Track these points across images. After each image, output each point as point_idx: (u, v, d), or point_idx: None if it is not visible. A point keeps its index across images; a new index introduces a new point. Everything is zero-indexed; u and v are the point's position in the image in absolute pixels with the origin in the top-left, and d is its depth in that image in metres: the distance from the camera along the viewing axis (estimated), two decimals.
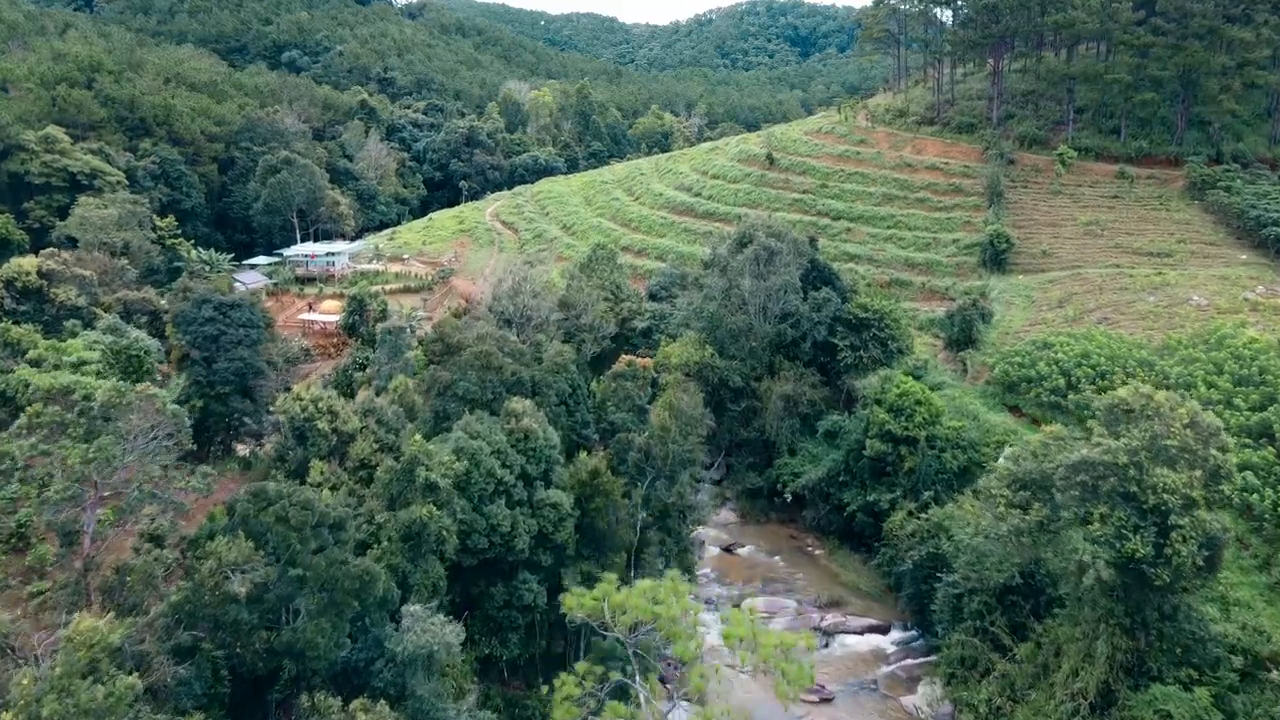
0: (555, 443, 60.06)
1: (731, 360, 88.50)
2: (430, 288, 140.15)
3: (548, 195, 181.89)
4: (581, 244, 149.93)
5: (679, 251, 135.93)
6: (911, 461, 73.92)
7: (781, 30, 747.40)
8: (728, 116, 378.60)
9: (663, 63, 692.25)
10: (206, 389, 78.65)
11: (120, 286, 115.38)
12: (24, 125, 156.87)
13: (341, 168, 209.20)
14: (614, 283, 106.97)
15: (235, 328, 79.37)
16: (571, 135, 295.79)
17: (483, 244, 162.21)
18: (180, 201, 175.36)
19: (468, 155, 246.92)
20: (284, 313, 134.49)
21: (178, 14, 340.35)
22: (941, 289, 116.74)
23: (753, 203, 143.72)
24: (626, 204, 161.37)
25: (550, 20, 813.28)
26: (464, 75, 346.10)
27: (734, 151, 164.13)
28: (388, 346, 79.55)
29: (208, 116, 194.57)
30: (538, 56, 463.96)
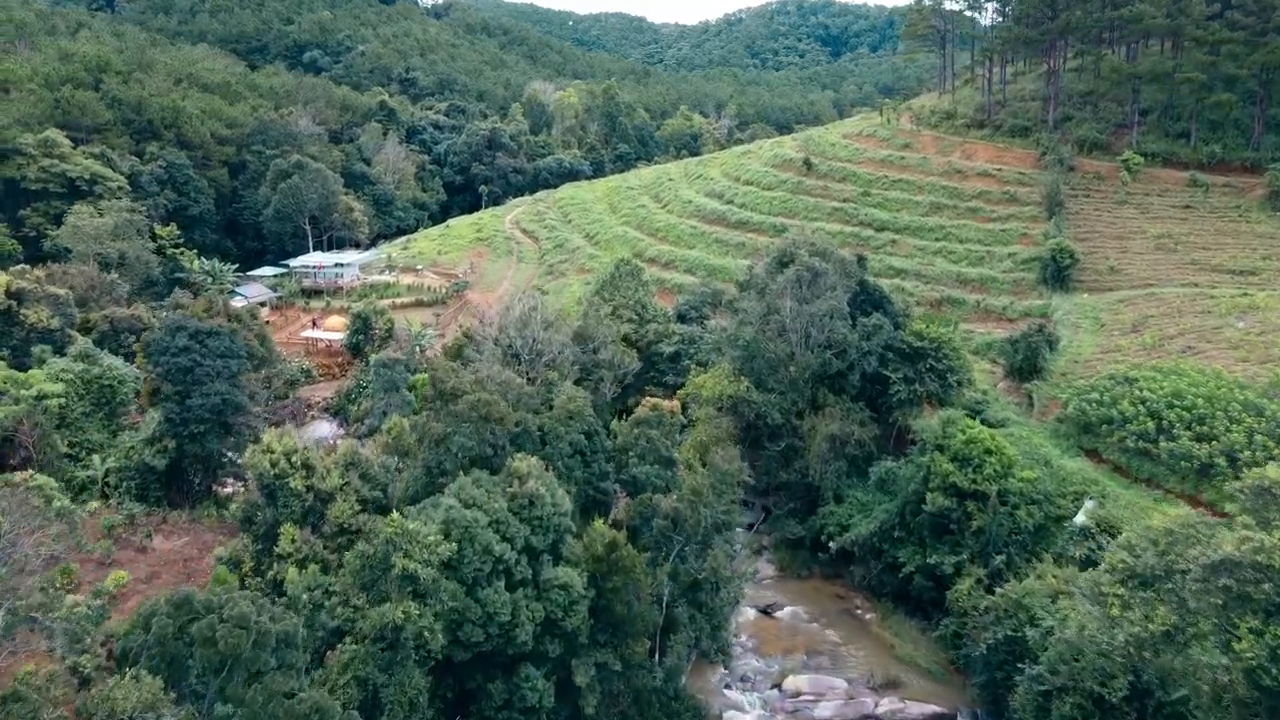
0: (566, 509, 50.71)
1: (769, 393, 78.79)
2: (444, 302, 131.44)
3: (570, 202, 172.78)
4: (605, 254, 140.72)
5: (709, 264, 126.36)
6: (980, 520, 63.93)
7: (812, 30, 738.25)
8: (758, 117, 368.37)
9: (691, 63, 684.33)
10: (179, 427, 69.99)
11: (109, 302, 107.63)
12: (23, 128, 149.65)
13: (358, 172, 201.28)
14: (638, 301, 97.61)
15: (212, 358, 70.70)
16: (598, 137, 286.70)
17: (501, 254, 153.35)
18: (187, 207, 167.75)
19: (490, 158, 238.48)
20: (288, 328, 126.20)
21: (199, 13, 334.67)
22: (998, 308, 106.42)
23: (789, 211, 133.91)
24: (653, 212, 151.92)
25: (578, 20, 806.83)
26: (488, 76, 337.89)
27: (768, 156, 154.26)
28: (382, 380, 70.57)
29: (219, 118, 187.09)
30: (564, 56, 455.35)
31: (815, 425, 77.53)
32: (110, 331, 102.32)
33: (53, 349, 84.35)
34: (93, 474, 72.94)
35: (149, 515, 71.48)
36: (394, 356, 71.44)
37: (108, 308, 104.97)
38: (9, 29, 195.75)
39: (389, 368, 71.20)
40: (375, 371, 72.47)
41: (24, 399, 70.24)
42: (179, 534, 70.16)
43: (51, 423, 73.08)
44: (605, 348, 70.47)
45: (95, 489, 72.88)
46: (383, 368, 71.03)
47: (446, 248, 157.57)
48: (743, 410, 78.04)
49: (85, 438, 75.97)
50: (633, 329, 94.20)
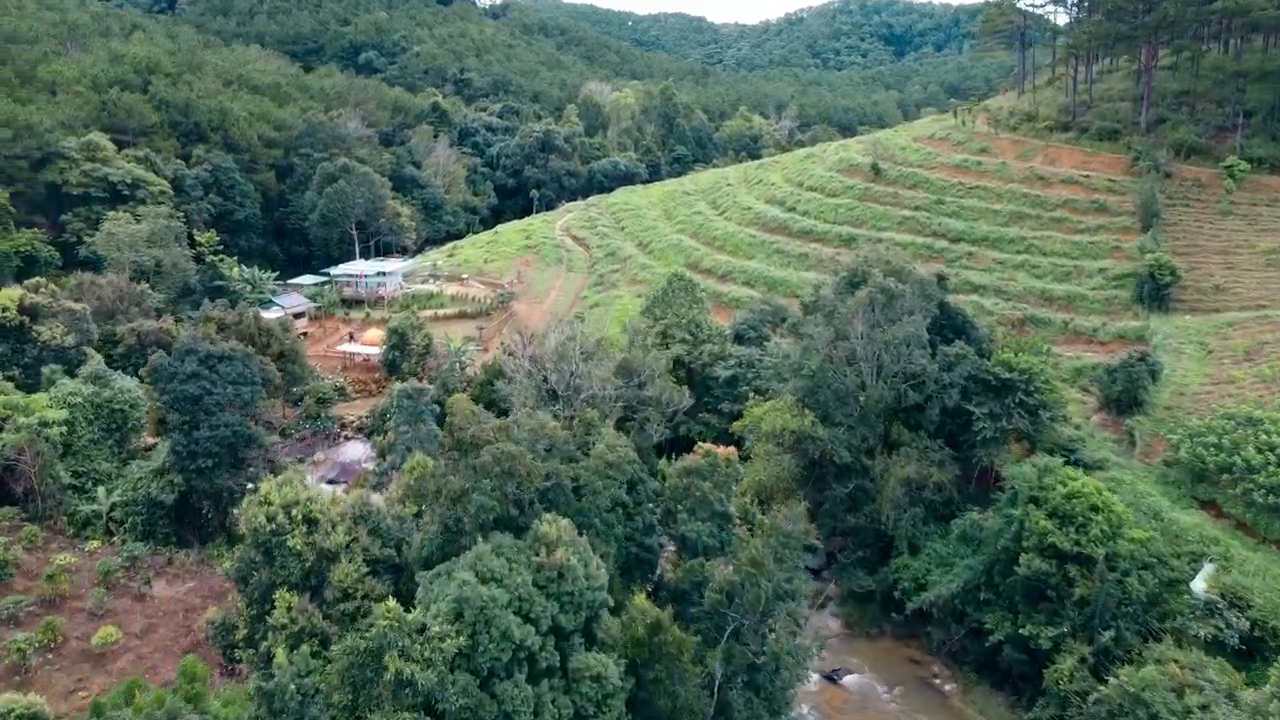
0: (602, 581, 43.29)
1: (836, 428, 70.54)
2: (488, 313, 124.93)
3: (624, 207, 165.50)
4: (659, 264, 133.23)
5: (769, 277, 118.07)
6: (1085, 588, 55.11)
7: (875, 29, 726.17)
8: (820, 118, 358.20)
9: (751, 63, 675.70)
10: (186, 460, 63.92)
11: (138, 314, 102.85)
12: (67, 131, 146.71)
13: (407, 175, 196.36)
14: (692, 320, 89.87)
15: (223, 386, 64.56)
16: (654, 139, 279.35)
17: (550, 262, 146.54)
18: (233, 212, 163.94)
19: (543, 161, 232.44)
20: (326, 340, 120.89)
21: (256, 15, 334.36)
22: (1088, 330, 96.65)
23: (855, 220, 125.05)
24: (710, 219, 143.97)
25: (637, 20, 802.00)
26: (544, 76, 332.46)
27: (833, 160, 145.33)
28: (406, 411, 63.77)
29: (267, 121, 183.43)
30: (622, 56, 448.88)
31: (888, 466, 69.19)
32: (137, 345, 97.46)
33: (66, 368, 79.30)
34: (97, 508, 67.34)
35: (155, 554, 65.72)
36: (419, 385, 64.58)
37: (136, 320, 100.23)
38: (62, 30, 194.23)
39: (413, 398, 64.42)
40: (398, 402, 65.73)
41: (24, 426, 64.80)
42: (185, 577, 64.15)
43: (54, 452, 67.71)
44: (652, 382, 62.80)
45: (99, 524, 67.31)
46: (406, 398, 64.25)
47: (494, 255, 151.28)
48: (807, 447, 69.99)
49: (92, 467, 70.48)
50: (685, 350, 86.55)
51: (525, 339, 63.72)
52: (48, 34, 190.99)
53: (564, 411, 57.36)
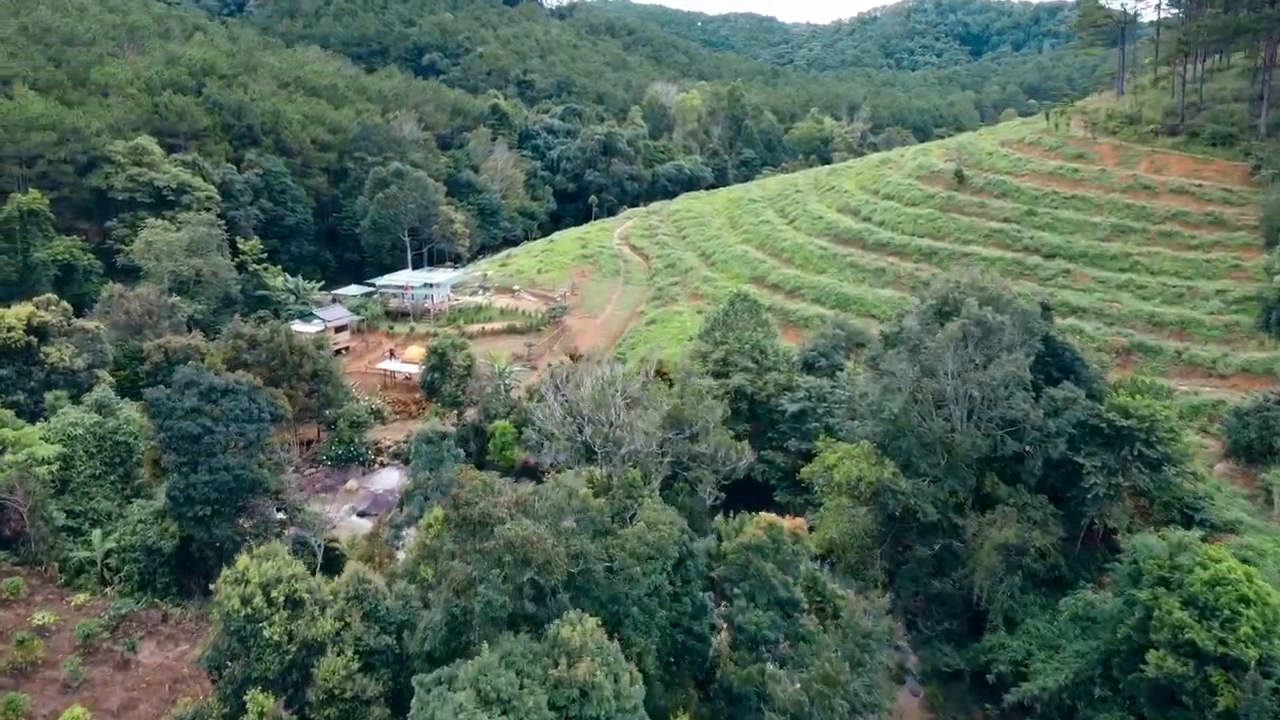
0: (635, 701, 34.84)
1: (921, 479, 61.12)
2: (539, 329, 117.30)
3: (686, 215, 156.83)
4: (721, 277, 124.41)
5: (842, 294, 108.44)
6: (1230, 699, 45.03)
7: (951, 28, 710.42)
8: (893, 120, 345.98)
9: (823, 63, 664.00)
10: (183, 507, 56.99)
11: (167, 329, 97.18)
12: (115, 134, 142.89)
13: (463, 179, 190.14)
14: (756, 345, 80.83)
15: (226, 424, 57.46)
16: (721, 141, 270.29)
17: (606, 273, 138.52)
18: (283, 217, 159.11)
19: (604, 164, 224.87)
20: (369, 356, 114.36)
21: (323, 16, 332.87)
22: (1206, 360, 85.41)
23: (937, 232, 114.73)
24: (778, 228, 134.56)
25: (707, 21, 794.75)
26: (608, 77, 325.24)
27: (911, 166, 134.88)
28: (425, 458, 55.94)
29: (322, 123, 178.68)
30: (690, 57, 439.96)
31: (982, 527, 59.49)
32: (164, 363, 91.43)
33: (75, 393, 73.48)
34: (92, 554, 60.86)
35: (150, 608, 58.88)
36: (440, 427, 56.72)
37: (166, 335, 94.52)
38: (120, 32, 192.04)
39: (433, 443, 56.55)
40: (415, 448, 57.91)
41: (13, 463, 58.58)
42: (179, 638, 57.15)
43: (47, 490, 61.45)
44: (706, 436, 54.05)
45: (93, 572, 60.84)
46: (425, 443, 56.41)
47: (548, 265, 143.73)
48: (886, 501, 60.58)
49: (91, 506, 64.09)
50: (748, 380, 77.62)
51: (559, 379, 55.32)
52: (106, 36, 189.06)
53: (602, 468, 49.03)
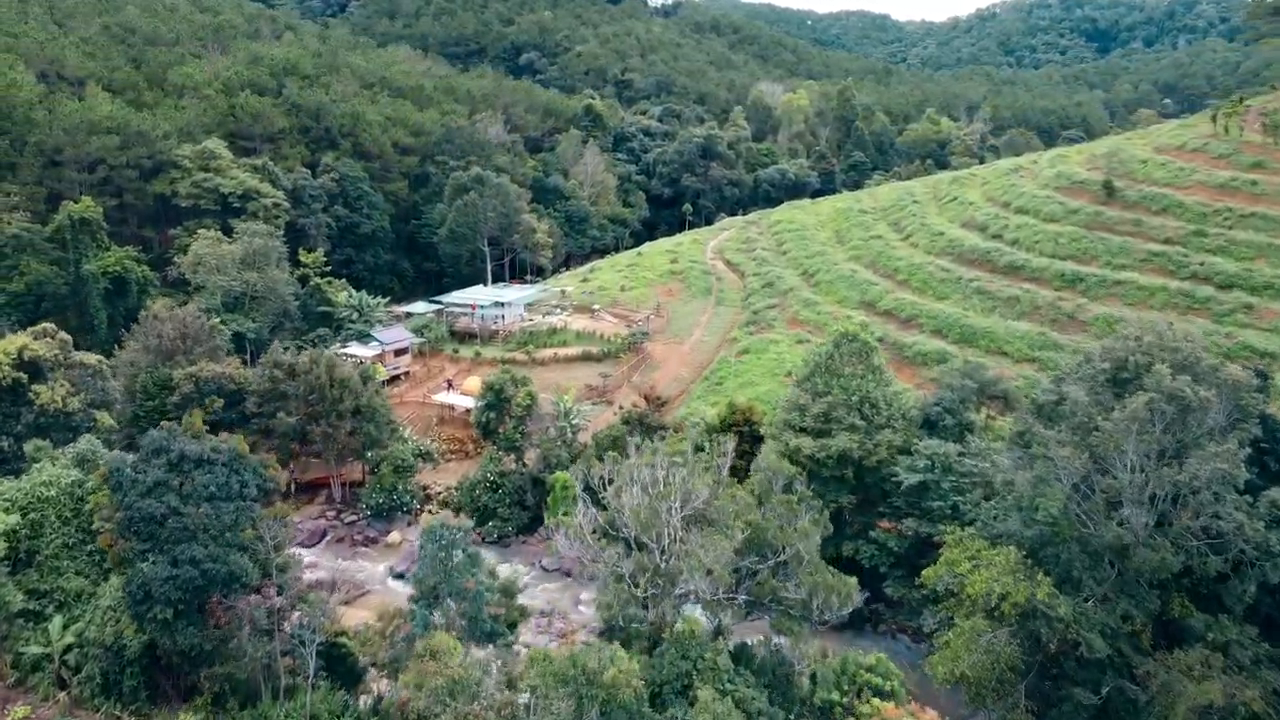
0: None
1: (1084, 600, 46.16)
2: (617, 355, 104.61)
3: (787, 227, 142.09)
4: (825, 300, 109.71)
5: (968, 326, 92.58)
6: None
7: (1076, 23, 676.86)
8: (1016, 121, 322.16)
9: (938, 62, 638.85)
10: (141, 607, 45.89)
11: (203, 355, 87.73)
12: (185, 137, 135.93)
13: (551, 185, 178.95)
14: (865, 397, 66.24)
15: (197, 502, 46.19)
16: (829, 144, 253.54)
17: (696, 292, 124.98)
18: (358, 225, 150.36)
19: (703, 168, 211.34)
20: (429, 383, 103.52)
21: (422, 16, 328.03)
22: None
23: (1082, 254, 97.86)
24: (891, 245, 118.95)
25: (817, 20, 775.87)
26: (711, 76, 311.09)
27: (1048, 175, 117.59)
28: (429, 560, 43.36)
29: (404, 126, 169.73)
30: (798, 55, 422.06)
31: (1170, 674, 44.17)
32: (195, 393, 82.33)
33: (69, 437, 63.83)
34: (48, 649, 50.49)
35: None
36: (453, 522, 44.17)
37: (200, 362, 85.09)
38: (207, 32, 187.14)
39: (442, 541, 43.58)
40: (422, 544, 45.23)
41: None
42: None
43: (2, 569, 51.38)
44: (798, 569, 39.70)
45: (50, 670, 50.48)
46: (431, 541, 43.69)
47: (633, 281, 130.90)
48: (1036, 627, 45.82)
49: (58, 584, 53.78)
50: (855, 442, 63.25)
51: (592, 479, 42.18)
52: (193, 36, 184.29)
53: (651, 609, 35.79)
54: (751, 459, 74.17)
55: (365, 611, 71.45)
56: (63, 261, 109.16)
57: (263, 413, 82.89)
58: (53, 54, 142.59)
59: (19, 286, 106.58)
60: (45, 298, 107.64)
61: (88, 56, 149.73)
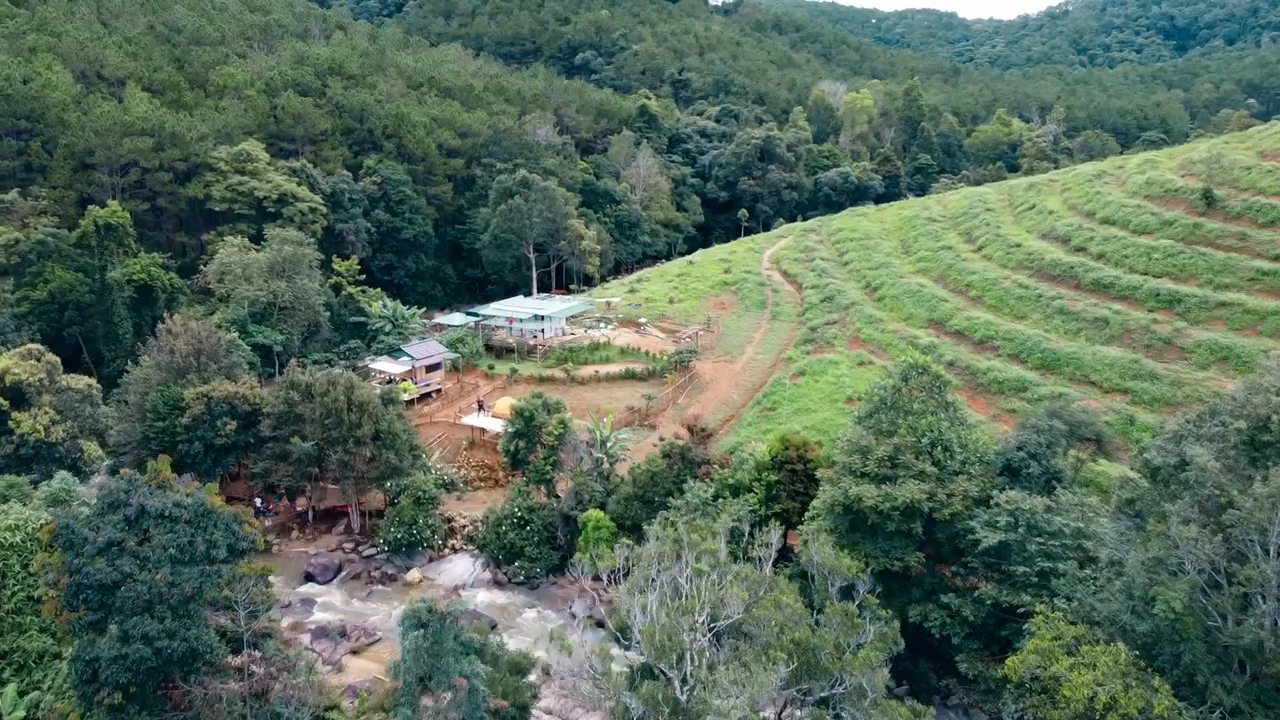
0: None
1: (1208, 712, 37.67)
2: (663, 374, 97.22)
3: (849, 235, 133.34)
4: (890, 317, 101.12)
5: (1050, 351, 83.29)
6: None
7: (1153, 21, 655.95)
8: (1090, 123, 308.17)
9: (1006, 60, 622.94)
10: (89, 687, 39.62)
11: (217, 372, 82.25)
12: (223, 139, 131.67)
13: (602, 189, 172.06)
14: (937, 439, 57.91)
15: (155, 567, 39.83)
16: (893, 146, 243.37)
17: (750, 305, 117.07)
18: (400, 230, 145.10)
19: (760, 171, 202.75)
20: (461, 402, 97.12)
21: (478, 16, 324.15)
22: None
23: (1180, 271, 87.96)
24: (963, 257, 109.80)
25: (882, 18, 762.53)
26: (771, 76, 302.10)
27: (1137, 182, 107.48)
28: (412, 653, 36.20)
29: (451, 127, 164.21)
30: (861, 54, 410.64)
31: None
32: (205, 415, 76.91)
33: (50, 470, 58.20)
34: None
35: None
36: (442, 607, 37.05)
37: (212, 381, 79.62)
38: (254, 31, 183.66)
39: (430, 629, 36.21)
40: (402, 633, 38.02)
41: None
42: None
43: None
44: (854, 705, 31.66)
45: None
46: (415, 627, 36.39)
47: (683, 292, 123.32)
48: None
49: (19, 643, 47.91)
50: (924, 492, 54.94)
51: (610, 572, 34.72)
52: (241, 35, 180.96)
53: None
54: (805, 501, 66.49)
55: (374, 664, 65.12)
56: (89, 268, 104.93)
57: (277, 436, 77.19)
58: (93, 54, 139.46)
59: (42, 294, 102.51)
60: (69, 306, 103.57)
61: (129, 56, 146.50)
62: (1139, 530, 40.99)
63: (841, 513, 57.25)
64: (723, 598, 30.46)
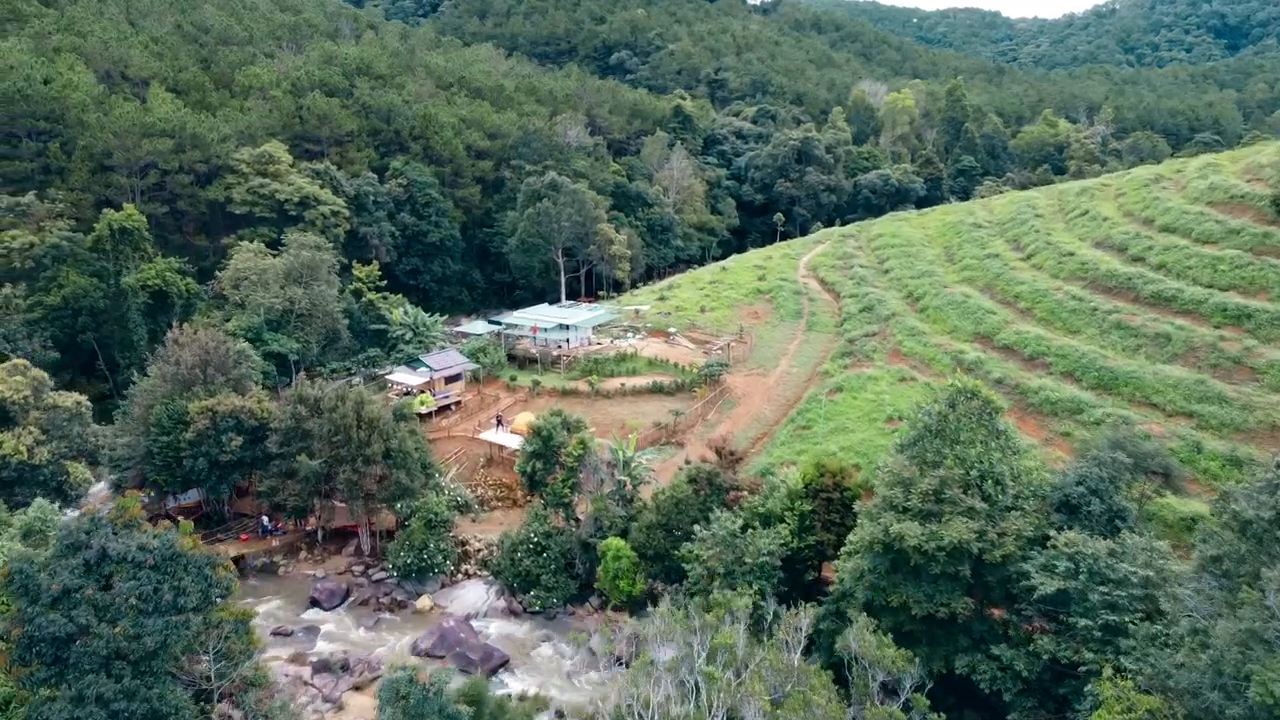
0: None
1: None
2: (692, 389, 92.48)
3: (890, 241, 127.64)
4: (933, 330, 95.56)
5: (1107, 370, 77.37)
6: None
7: (1203, 19, 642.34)
8: (1140, 123, 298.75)
9: (1051, 60, 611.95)
10: None
11: (224, 384, 78.80)
12: (246, 140, 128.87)
13: (634, 191, 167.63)
14: (986, 469, 52.72)
15: (115, 618, 35.88)
16: (935, 148, 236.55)
17: (786, 315, 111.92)
18: (426, 233, 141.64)
19: (798, 173, 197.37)
20: (480, 415, 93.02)
21: (513, 15, 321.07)
22: None
23: (1248, 284, 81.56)
24: (1011, 266, 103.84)
25: (923, 17, 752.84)
26: (810, 76, 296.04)
27: (1199, 187, 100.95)
28: None
29: (480, 128, 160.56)
30: (903, 54, 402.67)
31: None
32: (210, 430, 73.46)
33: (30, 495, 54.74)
34: None
35: None
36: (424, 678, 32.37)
37: (219, 394, 76.19)
38: (284, 31, 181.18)
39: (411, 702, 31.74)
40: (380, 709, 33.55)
41: None
42: None
43: None
44: None
45: None
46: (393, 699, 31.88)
47: (715, 300, 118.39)
48: None
49: None
50: (975, 532, 49.81)
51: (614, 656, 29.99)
52: (270, 35, 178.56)
53: None
54: (841, 532, 61.53)
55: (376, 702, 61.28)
56: (103, 273, 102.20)
57: (284, 453, 73.57)
58: (117, 54, 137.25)
59: (55, 300, 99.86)
60: (82, 312, 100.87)
61: (154, 56, 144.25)
62: (1228, 594, 35.72)
63: (881, 552, 52.32)
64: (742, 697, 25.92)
